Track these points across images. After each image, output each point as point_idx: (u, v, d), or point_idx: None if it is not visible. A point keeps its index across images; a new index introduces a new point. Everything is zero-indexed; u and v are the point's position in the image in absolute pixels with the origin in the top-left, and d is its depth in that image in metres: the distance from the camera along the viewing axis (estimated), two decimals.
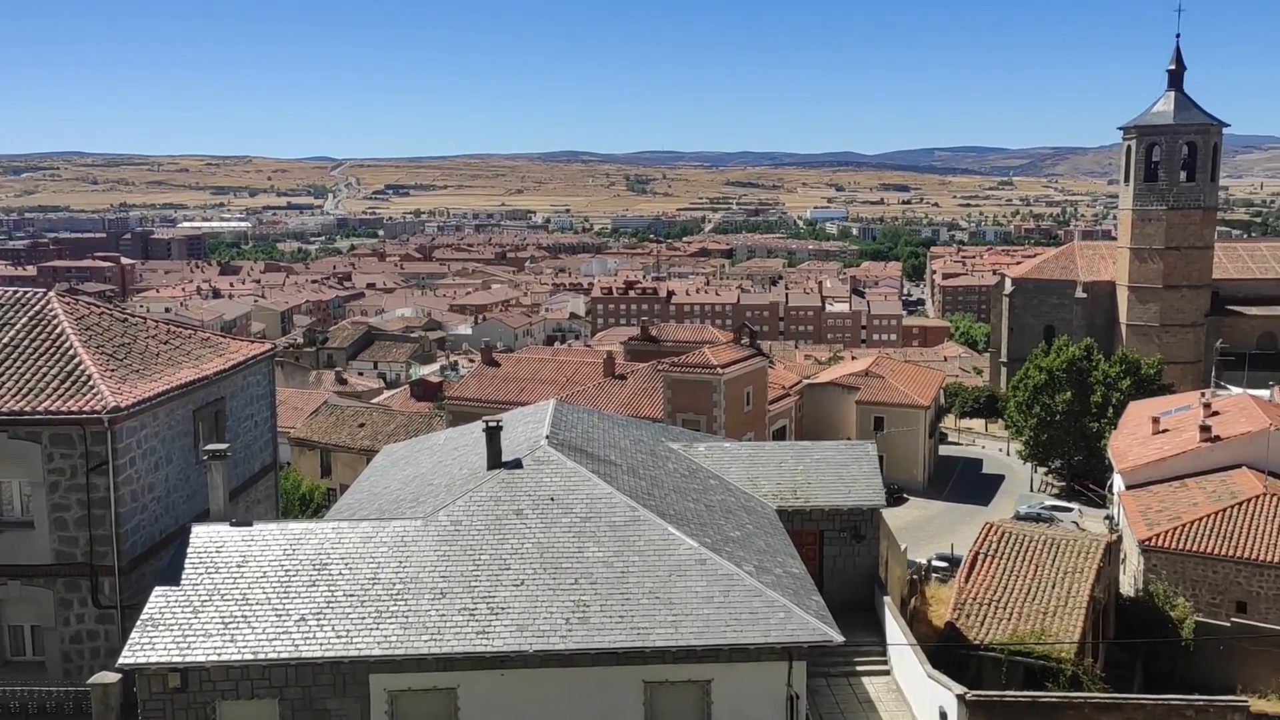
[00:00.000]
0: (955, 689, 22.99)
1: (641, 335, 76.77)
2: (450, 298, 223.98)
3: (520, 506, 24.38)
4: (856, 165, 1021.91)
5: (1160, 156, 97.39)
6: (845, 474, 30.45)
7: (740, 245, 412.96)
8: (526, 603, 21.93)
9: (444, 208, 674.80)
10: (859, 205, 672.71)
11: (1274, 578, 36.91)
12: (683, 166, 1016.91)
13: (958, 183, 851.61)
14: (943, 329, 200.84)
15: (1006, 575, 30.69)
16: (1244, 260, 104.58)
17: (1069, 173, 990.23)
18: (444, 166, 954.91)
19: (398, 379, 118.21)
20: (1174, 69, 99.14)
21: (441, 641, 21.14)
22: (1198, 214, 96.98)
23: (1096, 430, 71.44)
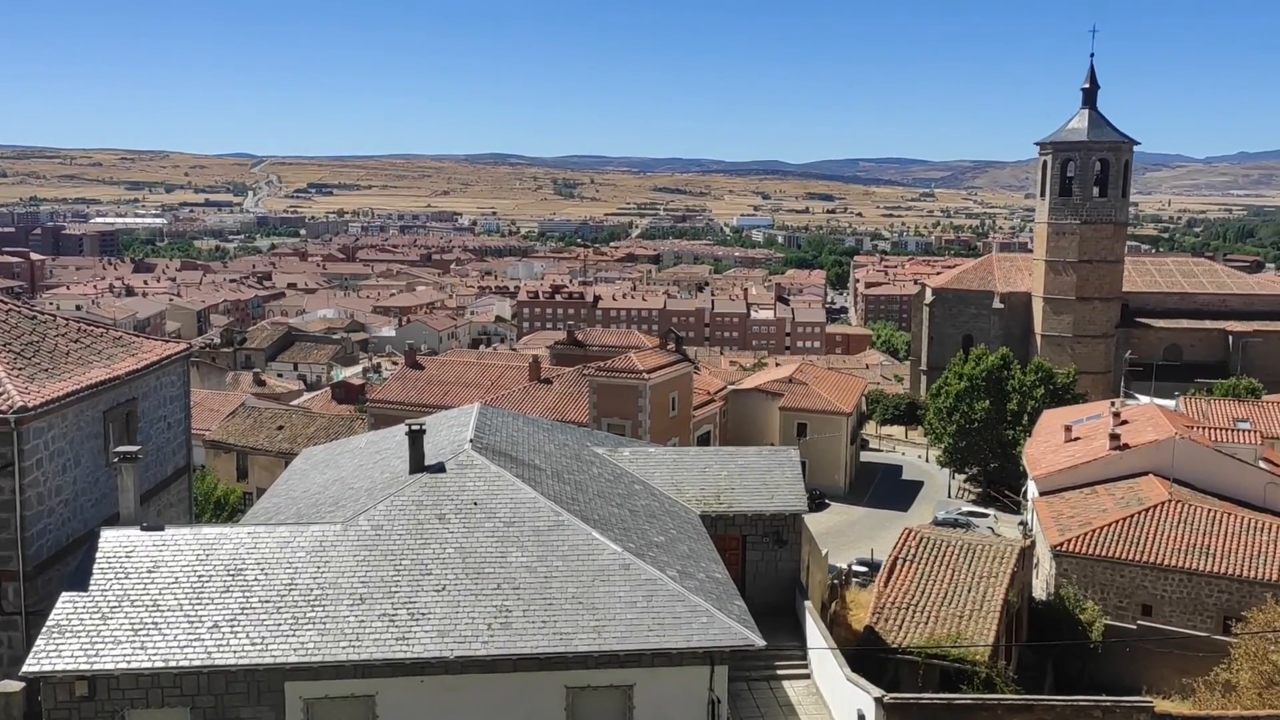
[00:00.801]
0: (873, 692, 23.30)
1: (568, 340, 76.61)
2: (374, 299, 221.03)
3: (443, 511, 24.12)
4: (783, 174, 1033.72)
5: (1074, 172, 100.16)
6: (768, 480, 30.71)
7: (667, 251, 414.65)
8: (448, 608, 21.69)
9: (368, 208, 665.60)
10: (785, 214, 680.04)
11: (1178, 581, 38.13)
12: (611, 171, 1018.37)
13: (881, 193, 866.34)
14: (865, 337, 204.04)
15: (924, 580, 31.23)
16: (1152, 274, 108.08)
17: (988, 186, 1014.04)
18: (369, 166, 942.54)
19: (318, 381, 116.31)
20: (1088, 87, 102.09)
21: (360, 648, 20.81)
22: (1109, 228, 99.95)
23: (1012, 438, 73.07)
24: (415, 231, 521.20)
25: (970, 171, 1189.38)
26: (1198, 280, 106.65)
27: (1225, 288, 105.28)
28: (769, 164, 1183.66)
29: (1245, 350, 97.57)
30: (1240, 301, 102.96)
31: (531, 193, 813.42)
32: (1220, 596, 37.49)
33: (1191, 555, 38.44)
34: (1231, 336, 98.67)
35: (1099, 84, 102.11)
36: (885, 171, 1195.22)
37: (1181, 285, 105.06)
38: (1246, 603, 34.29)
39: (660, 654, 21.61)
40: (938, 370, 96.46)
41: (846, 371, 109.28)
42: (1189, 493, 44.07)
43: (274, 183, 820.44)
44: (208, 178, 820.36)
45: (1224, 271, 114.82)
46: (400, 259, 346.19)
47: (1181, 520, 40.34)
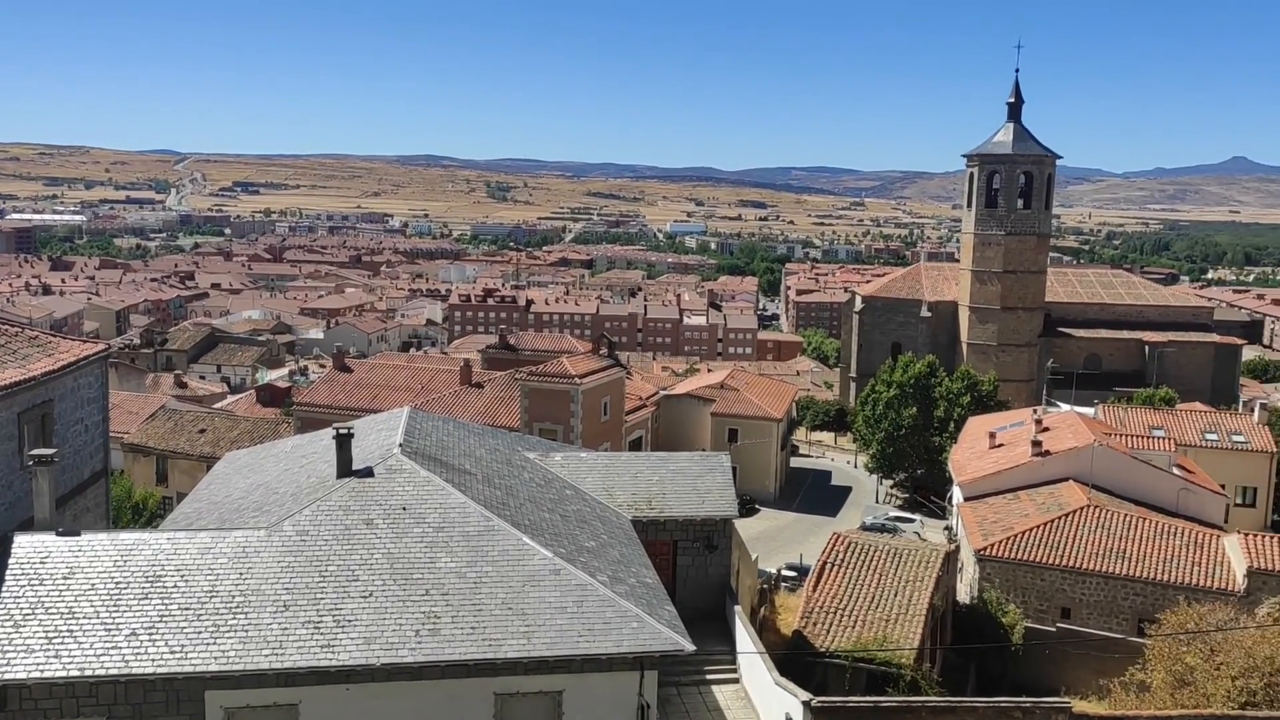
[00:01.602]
0: (801, 695, 23.49)
1: (500, 343, 76.10)
2: (301, 301, 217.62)
3: (370, 516, 23.78)
4: (716, 181, 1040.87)
5: (1000, 184, 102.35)
6: (699, 485, 30.81)
7: (600, 256, 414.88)
8: (374, 615, 21.38)
9: (296, 208, 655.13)
10: (718, 220, 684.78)
11: (1095, 585, 39.09)
12: (545, 175, 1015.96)
13: (812, 202, 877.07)
14: (796, 344, 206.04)
15: (852, 584, 31.60)
16: (1073, 285, 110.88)
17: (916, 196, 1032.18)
18: (297, 165, 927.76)
19: (243, 384, 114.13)
20: (1013, 102, 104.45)
21: (283, 656, 20.41)
22: (1033, 240, 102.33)
23: (939, 444, 74.34)
24: (344, 232, 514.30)
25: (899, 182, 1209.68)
26: (1116, 292, 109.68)
27: (1142, 299, 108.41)
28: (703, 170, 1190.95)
29: (1160, 360, 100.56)
30: (1156, 313, 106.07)
31: (464, 195, 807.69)
32: (1135, 599, 38.50)
33: (1108, 559, 39.43)
34: (1148, 346, 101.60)
35: (1024, 99, 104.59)
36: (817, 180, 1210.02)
37: (1101, 296, 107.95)
38: (1160, 605, 35.25)
39: (590, 659, 21.54)
40: (867, 377, 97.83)
41: (778, 378, 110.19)
42: (1107, 498, 45.25)
43: (198, 180, 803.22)
44: (129, 174, 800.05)
45: (1141, 283, 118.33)
46: (329, 260, 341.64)
47: (1099, 525, 41.37)
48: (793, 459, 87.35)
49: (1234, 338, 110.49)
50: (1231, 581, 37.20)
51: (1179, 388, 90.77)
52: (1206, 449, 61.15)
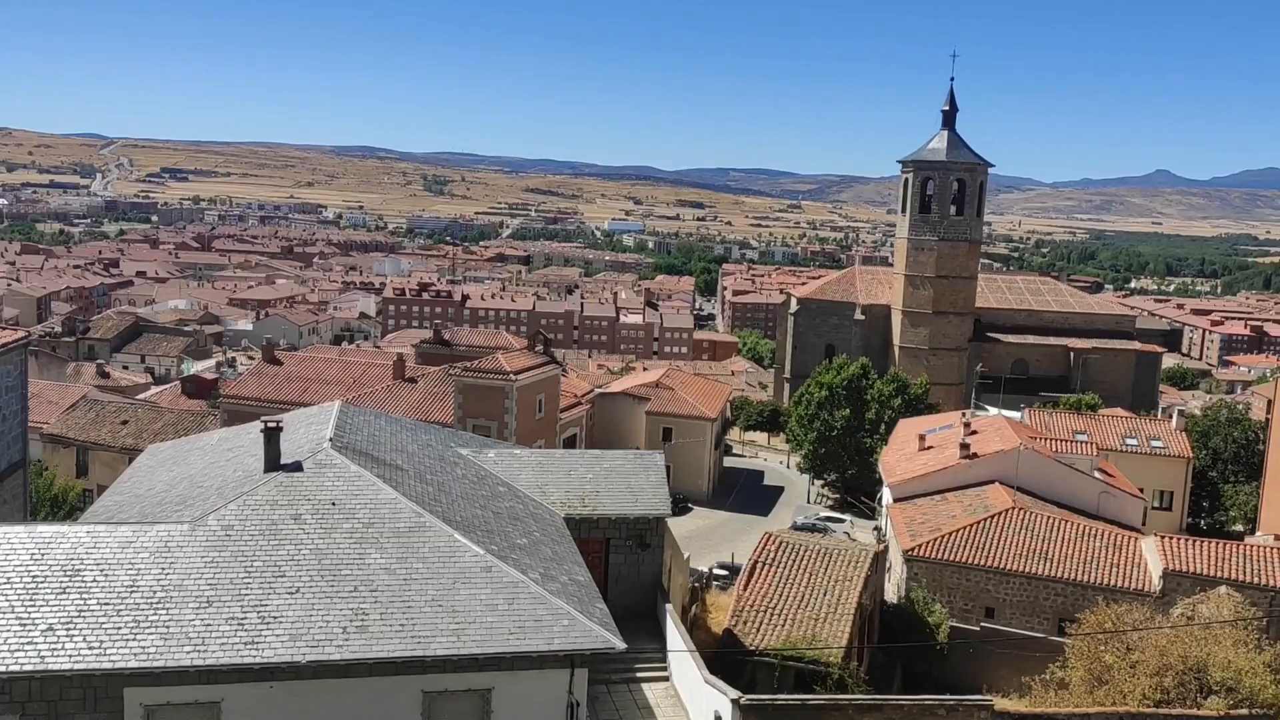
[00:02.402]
0: (730, 693, 23.63)
1: (434, 338, 75.38)
2: (230, 291, 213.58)
3: (298, 511, 23.40)
4: (655, 180, 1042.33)
5: (934, 190, 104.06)
6: (633, 483, 30.83)
7: (538, 252, 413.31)
8: (301, 612, 21.04)
9: (226, 196, 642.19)
10: (656, 219, 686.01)
11: (1018, 585, 39.90)
12: (482, 170, 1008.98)
13: (750, 203, 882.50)
14: (732, 344, 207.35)
15: (783, 583, 31.86)
16: (1003, 291, 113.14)
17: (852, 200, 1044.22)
18: (227, 153, 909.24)
19: (168, 375, 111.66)
20: (948, 110, 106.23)
21: (205, 653, 20.00)
22: (964, 246, 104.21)
23: (870, 446, 75.25)
24: (276, 222, 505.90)
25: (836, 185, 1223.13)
26: (1044, 299, 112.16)
27: (1069, 306, 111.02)
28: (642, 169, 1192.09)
29: (1085, 366, 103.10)
30: (1081, 320, 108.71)
31: (400, 188, 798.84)
32: (1056, 599, 39.37)
33: (1031, 560, 40.27)
34: (1073, 353, 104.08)
35: (958, 107, 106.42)
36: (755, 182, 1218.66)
37: (1029, 303, 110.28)
38: (1080, 605, 36.06)
39: (521, 657, 21.44)
40: (801, 378, 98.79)
41: (712, 377, 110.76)
42: (1031, 500, 46.22)
43: (125, 165, 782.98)
44: (53, 157, 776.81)
45: (1068, 291, 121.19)
46: (259, 250, 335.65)
47: (1023, 527, 42.23)
48: (726, 459, 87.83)
49: (1155, 346, 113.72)
50: (1148, 582, 38.24)
51: (1102, 393, 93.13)
52: (1127, 454, 62.89)
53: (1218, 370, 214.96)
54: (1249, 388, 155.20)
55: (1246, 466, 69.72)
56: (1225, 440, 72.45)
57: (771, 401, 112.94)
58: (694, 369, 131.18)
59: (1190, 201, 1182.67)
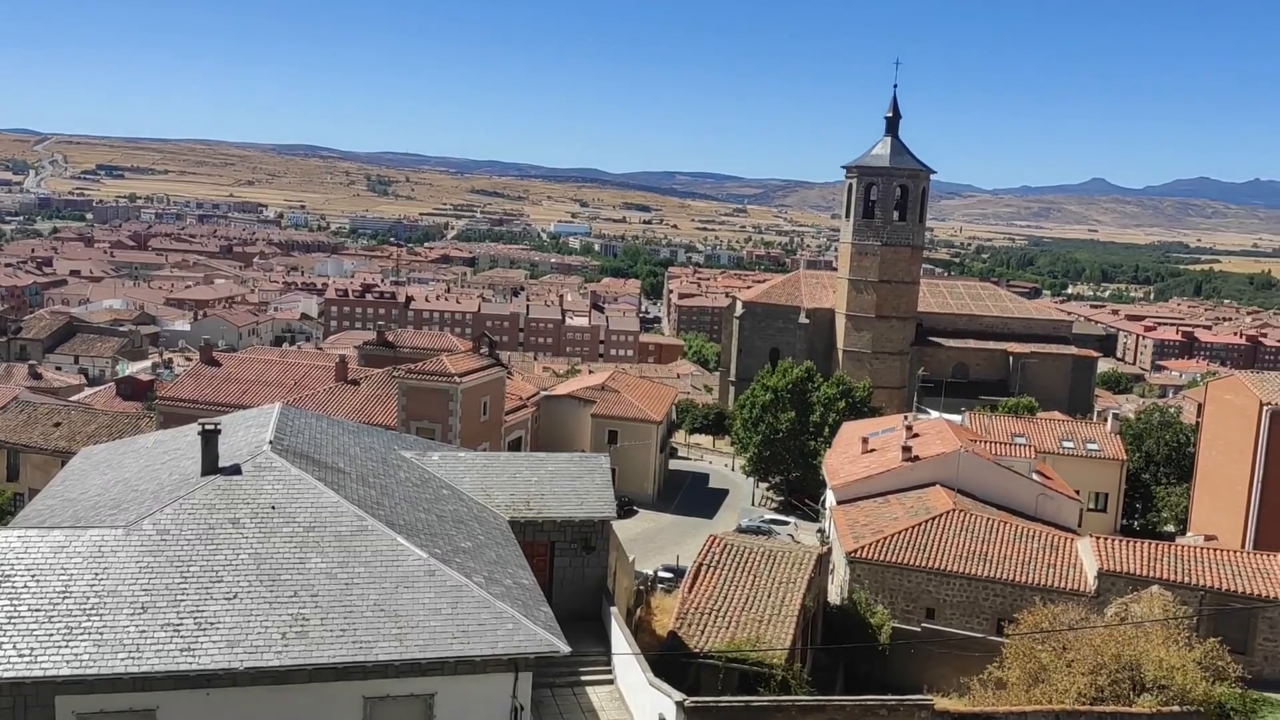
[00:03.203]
0: (674, 696, 23.64)
1: (377, 340, 74.57)
2: (167, 291, 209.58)
3: (237, 515, 22.99)
4: (601, 183, 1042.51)
5: (877, 196, 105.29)
6: (578, 486, 30.75)
7: (483, 254, 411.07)
8: (239, 617, 20.68)
9: (164, 194, 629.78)
10: (602, 222, 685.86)
11: (959, 586, 40.42)
12: (428, 170, 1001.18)
13: (696, 207, 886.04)
14: (677, 347, 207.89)
15: (727, 585, 31.95)
16: (944, 296, 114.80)
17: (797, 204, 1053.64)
18: (165, 150, 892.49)
19: (102, 376, 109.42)
20: (891, 116, 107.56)
21: (140, 660, 19.57)
22: (907, 251, 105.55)
23: (814, 448, 75.89)
24: (215, 221, 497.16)
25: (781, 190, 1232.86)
26: (984, 304, 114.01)
27: (1008, 311, 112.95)
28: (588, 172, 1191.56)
29: (1024, 370, 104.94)
30: (1020, 325, 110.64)
31: (344, 188, 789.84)
32: (995, 600, 39.95)
33: (971, 561, 40.82)
34: (1012, 357, 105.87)
35: (901, 114, 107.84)
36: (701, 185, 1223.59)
37: (970, 308, 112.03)
38: (1018, 605, 36.62)
39: (464, 661, 21.27)
40: (746, 381, 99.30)
41: (658, 380, 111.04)
42: (971, 502, 46.86)
43: (59, 162, 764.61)
44: None
45: (1007, 296, 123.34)
46: (198, 250, 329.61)
47: (964, 529, 42.80)
48: (671, 461, 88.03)
49: (1090, 350, 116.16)
50: (1083, 582, 38.95)
51: (1040, 397, 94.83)
52: (1063, 456, 64.10)
53: (1151, 375, 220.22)
54: (1180, 392, 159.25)
55: (1178, 469, 71.47)
56: (1158, 443, 74.21)
57: (717, 404, 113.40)
58: (639, 372, 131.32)
59: (1125, 210, 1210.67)
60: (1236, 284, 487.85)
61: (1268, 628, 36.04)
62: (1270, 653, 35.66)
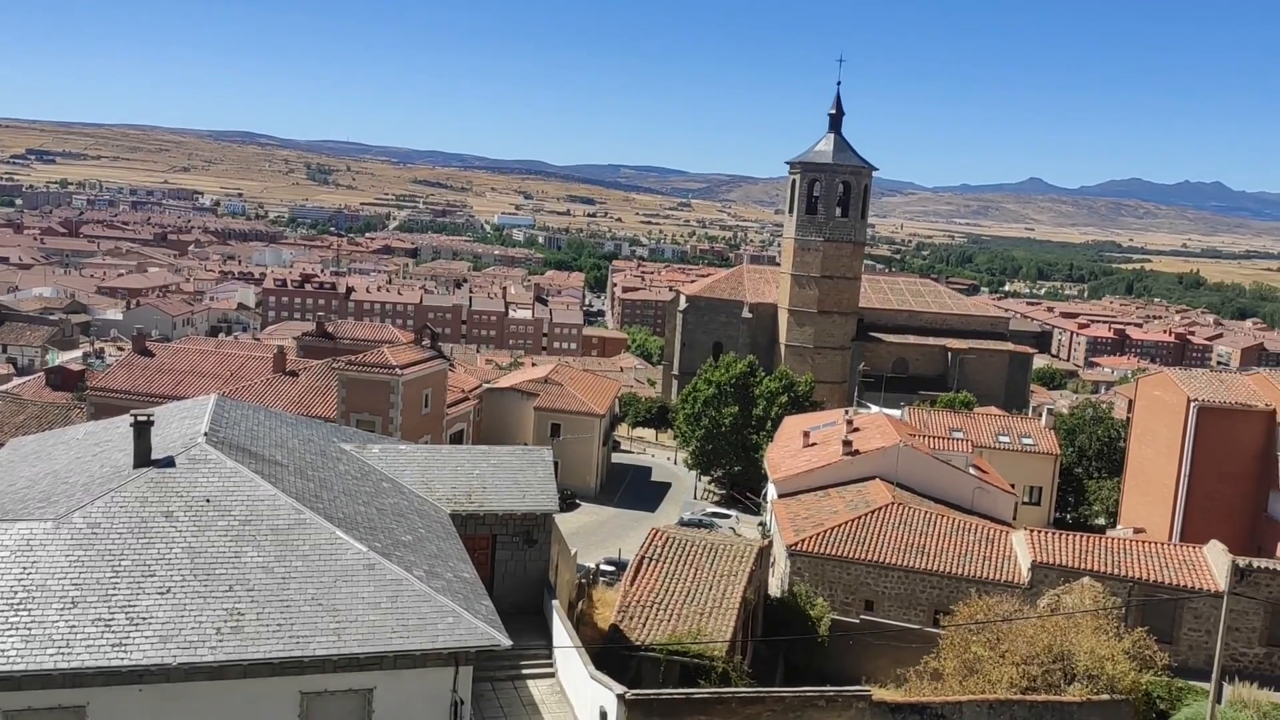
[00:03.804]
0: (615, 688, 23.67)
1: (317, 331, 73.52)
2: (99, 279, 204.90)
3: (170, 508, 22.55)
4: (545, 175, 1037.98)
5: (820, 192, 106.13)
6: (521, 479, 30.63)
7: (426, 245, 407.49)
8: (172, 612, 20.30)
9: (96, 180, 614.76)
10: (546, 214, 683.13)
11: (896, 578, 40.98)
12: (369, 160, 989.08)
13: (641, 201, 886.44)
14: (621, 340, 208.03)
15: (669, 578, 32.06)
16: (885, 292, 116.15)
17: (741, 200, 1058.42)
18: (98, 135, 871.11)
19: (31, 365, 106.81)
20: (834, 113, 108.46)
21: (70, 655, 19.13)
22: (849, 247, 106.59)
23: (756, 442, 76.42)
24: (149, 208, 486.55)
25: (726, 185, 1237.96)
26: (924, 300, 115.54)
27: (947, 308, 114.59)
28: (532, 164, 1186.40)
29: (962, 365, 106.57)
30: (959, 321, 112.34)
31: (282, 176, 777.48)
32: (932, 592, 40.57)
33: (909, 554, 41.40)
34: (950, 353, 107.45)
35: (845, 111, 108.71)
36: (645, 179, 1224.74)
37: (910, 304, 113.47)
38: (954, 597, 37.21)
39: (403, 656, 21.09)
40: (689, 375, 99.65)
41: (602, 374, 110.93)
42: (909, 496, 47.52)
43: None
44: None
45: (946, 293, 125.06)
46: (131, 237, 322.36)
47: (902, 522, 43.39)
48: (614, 455, 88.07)
49: (1026, 347, 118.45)
50: (1017, 575, 39.69)
51: (977, 392, 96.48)
52: (999, 450, 65.23)
53: (1084, 371, 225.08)
54: (1112, 388, 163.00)
55: (1109, 463, 73.19)
56: (1090, 438, 75.91)
57: (660, 398, 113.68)
58: (583, 365, 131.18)
59: (1060, 209, 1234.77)
60: (1166, 283, 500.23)
61: (1192, 618, 37.04)
62: (1194, 642, 36.66)
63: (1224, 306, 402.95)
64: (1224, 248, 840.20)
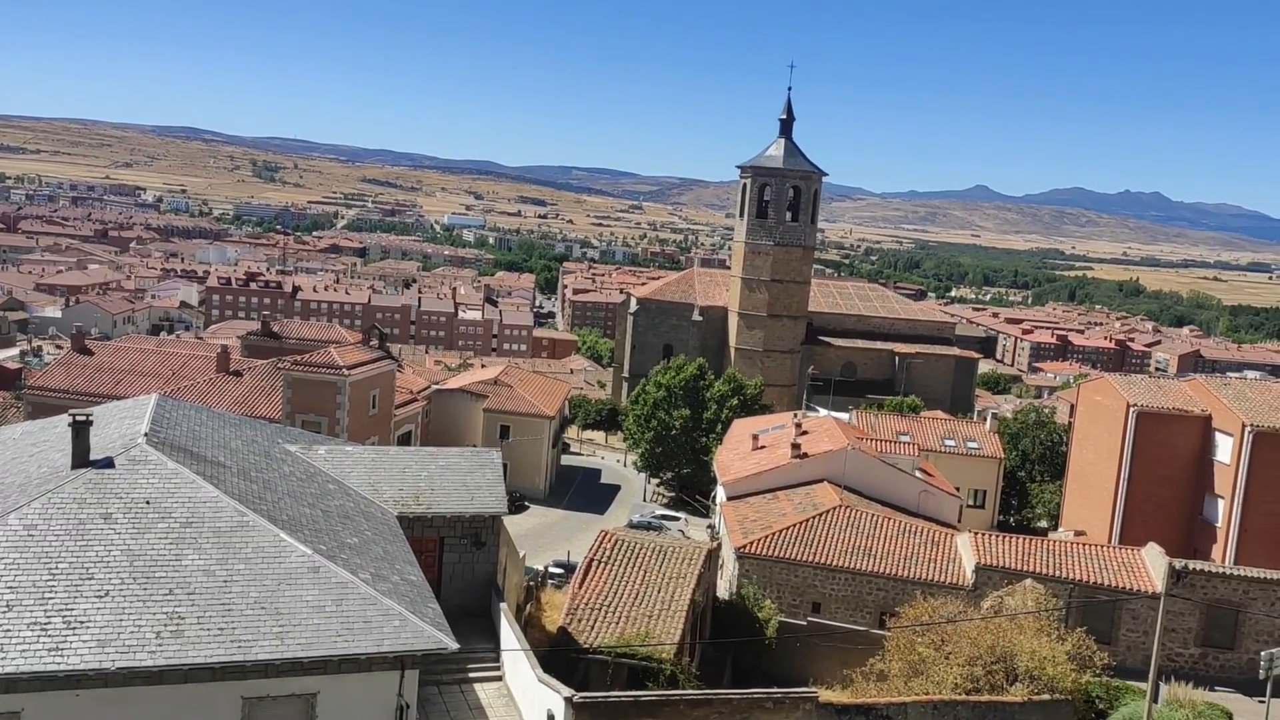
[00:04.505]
0: (563, 692, 23.59)
1: (262, 330, 72.49)
2: (37, 275, 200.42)
3: (109, 510, 22.07)
4: (496, 176, 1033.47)
5: (771, 196, 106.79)
6: (469, 481, 30.42)
7: (374, 244, 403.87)
8: (110, 616, 19.87)
9: (35, 174, 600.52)
10: (497, 215, 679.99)
11: (843, 580, 41.34)
12: (317, 157, 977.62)
13: (592, 202, 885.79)
14: (571, 342, 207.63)
15: (617, 581, 32.02)
16: (834, 296, 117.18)
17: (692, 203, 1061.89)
18: (37, 128, 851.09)
19: None
20: (785, 118, 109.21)
21: (5, 660, 18.65)
22: (799, 251, 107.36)
23: (705, 445, 76.67)
24: (90, 204, 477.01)
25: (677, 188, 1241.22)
26: (872, 304, 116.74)
27: (895, 312, 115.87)
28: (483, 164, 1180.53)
29: (909, 370, 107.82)
30: (906, 326, 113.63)
31: (227, 173, 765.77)
32: (878, 594, 40.96)
33: (856, 557, 41.78)
34: (898, 357, 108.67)
35: (795, 116, 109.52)
36: (597, 181, 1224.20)
37: (858, 308, 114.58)
38: (899, 599, 37.61)
39: (348, 660, 20.84)
40: (639, 377, 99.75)
41: (551, 375, 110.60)
42: (857, 499, 47.96)
43: None
44: None
45: (894, 298, 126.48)
46: (71, 233, 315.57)
47: (849, 524, 43.78)
48: (564, 457, 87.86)
49: (972, 352, 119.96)
50: (962, 576, 40.22)
51: (923, 396, 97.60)
52: (945, 454, 66.12)
53: (1027, 376, 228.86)
54: (1055, 393, 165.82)
55: (1051, 467, 74.42)
56: (1033, 442, 77.13)
57: (610, 400, 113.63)
58: (533, 367, 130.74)
59: (1005, 216, 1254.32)
60: (1107, 290, 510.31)
61: (1130, 619, 37.80)
62: (1132, 643, 37.40)
63: (1162, 314, 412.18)
64: (1162, 256, 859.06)
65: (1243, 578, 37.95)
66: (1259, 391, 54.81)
